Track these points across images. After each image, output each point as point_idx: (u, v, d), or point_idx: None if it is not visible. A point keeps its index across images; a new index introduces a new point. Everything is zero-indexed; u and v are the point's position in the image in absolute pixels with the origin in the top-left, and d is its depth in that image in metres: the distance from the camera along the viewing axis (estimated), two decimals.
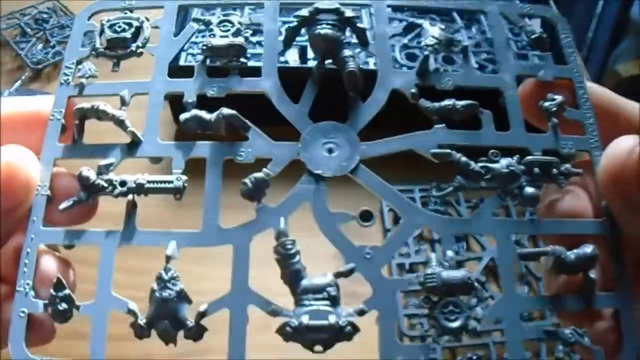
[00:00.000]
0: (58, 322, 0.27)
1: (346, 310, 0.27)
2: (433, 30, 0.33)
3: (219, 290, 0.28)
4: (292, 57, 0.73)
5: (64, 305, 0.27)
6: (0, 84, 0.85)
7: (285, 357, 0.27)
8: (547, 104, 0.31)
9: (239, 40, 0.32)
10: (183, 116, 0.30)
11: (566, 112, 0.31)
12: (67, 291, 0.27)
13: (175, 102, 0.31)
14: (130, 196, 0.29)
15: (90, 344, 0.27)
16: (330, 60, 0.32)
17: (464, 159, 0.30)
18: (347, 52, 0.31)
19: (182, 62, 0.70)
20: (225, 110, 0.30)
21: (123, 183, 0.29)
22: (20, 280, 0.28)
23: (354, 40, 0.33)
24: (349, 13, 0.31)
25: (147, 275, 0.28)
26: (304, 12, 0.32)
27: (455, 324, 0.27)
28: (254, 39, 0.68)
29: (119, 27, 0.32)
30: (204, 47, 0.31)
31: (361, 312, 0.27)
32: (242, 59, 0.31)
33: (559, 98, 0.31)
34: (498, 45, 0.34)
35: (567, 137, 0.31)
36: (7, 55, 0.90)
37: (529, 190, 0.30)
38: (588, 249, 0.28)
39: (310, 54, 0.67)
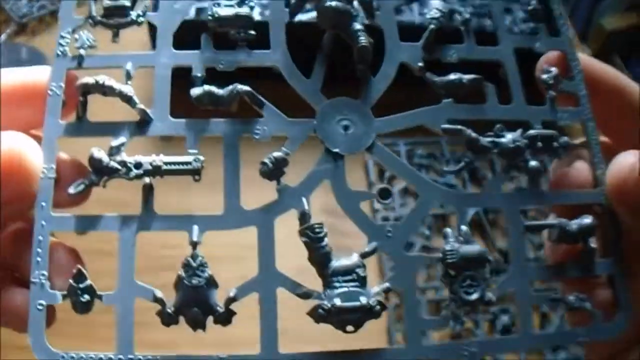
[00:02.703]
0: (79, 313, 0.26)
1: (374, 290, 0.27)
2: (435, 3, 0.33)
3: None
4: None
5: (86, 297, 0.26)
6: None
7: None
8: (544, 76, 0.32)
9: (245, 10, 0.30)
10: (194, 91, 0.28)
11: (561, 85, 0.33)
12: (88, 282, 0.26)
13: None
14: (146, 179, 0.27)
15: (116, 334, 0.26)
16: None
17: (474, 134, 0.31)
18: (357, 26, 0.30)
19: None
20: (240, 86, 0.29)
21: (138, 165, 0.27)
22: (35, 272, 0.26)
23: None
24: None
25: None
26: None
27: (474, 297, 0.28)
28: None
29: None
30: (211, 17, 0.30)
31: (387, 290, 0.28)
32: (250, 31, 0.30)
33: (554, 70, 0.32)
34: (496, 19, 0.34)
35: (563, 109, 0.32)
36: None
37: (534, 163, 0.31)
38: (588, 219, 0.30)
39: None
